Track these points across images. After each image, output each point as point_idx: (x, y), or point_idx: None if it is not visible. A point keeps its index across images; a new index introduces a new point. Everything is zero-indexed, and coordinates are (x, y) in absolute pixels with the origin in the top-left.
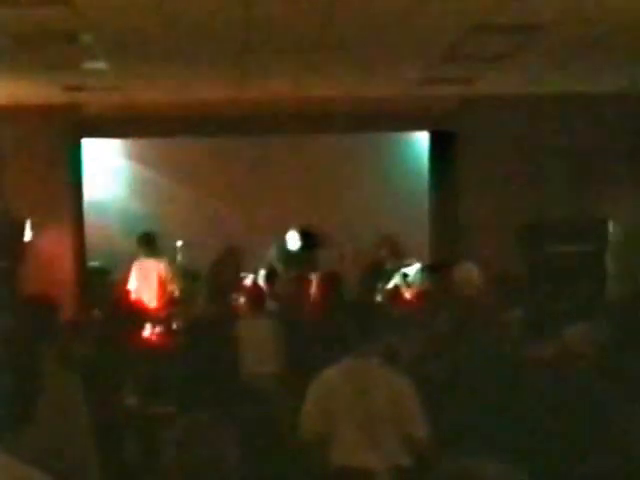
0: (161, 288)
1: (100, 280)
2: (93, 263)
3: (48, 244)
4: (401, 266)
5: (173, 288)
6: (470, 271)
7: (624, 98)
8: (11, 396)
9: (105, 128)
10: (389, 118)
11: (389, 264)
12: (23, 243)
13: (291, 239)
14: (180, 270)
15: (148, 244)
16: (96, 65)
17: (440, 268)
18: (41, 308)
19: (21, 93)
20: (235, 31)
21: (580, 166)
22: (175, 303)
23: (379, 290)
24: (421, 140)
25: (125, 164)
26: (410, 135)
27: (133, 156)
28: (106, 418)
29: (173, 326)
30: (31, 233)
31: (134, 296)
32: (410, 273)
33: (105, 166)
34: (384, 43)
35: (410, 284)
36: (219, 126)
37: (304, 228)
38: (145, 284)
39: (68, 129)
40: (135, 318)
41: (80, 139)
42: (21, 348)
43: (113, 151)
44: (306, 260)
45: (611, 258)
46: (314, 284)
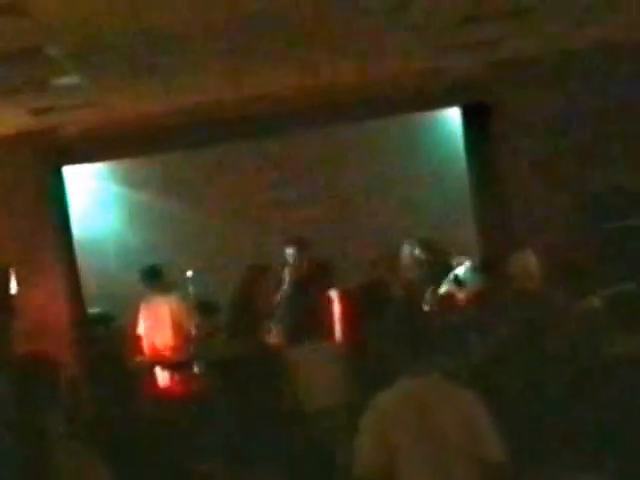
0: (175, 328)
1: (104, 328)
2: (94, 310)
3: (39, 295)
4: (449, 267)
5: (189, 325)
6: (528, 261)
7: None
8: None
9: (86, 152)
10: (412, 97)
11: (433, 267)
12: (10, 296)
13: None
14: (194, 304)
15: (154, 279)
16: (66, 81)
17: (493, 263)
18: (40, 368)
19: None
20: (219, 32)
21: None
22: (193, 342)
23: (428, 297)
24: (453, 118)
25: (116, 191)
26: (438, 114)
27: (124, 180)
28: None
29: (194, 369)
30: (16, 285)
31: (145, 341)
32: (461, 273)
33: (93, 196)
34: (395, 13)
35: (463, 286)
36: (215, 132)
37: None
38: (156, 325)
39: (44, 158)
40: (149, 367)
41: (60, 168)
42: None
43: (100, 177)
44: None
45: None
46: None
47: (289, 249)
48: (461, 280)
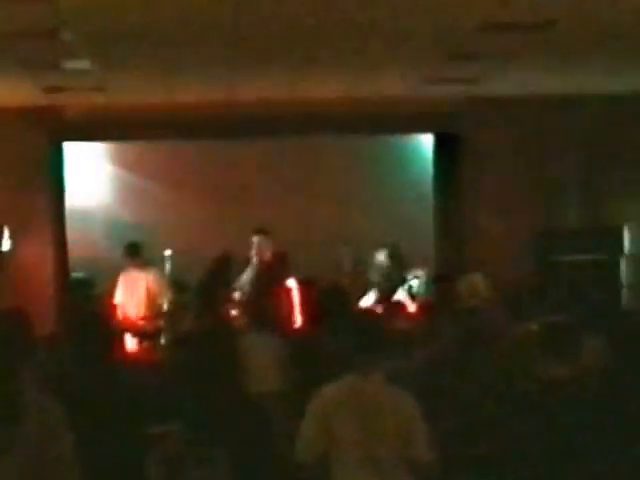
0: (149, 301)
1: (83, 292)
2: (76, 274)
3: (28, 253)
4: (405, 277)
5: (161, 300)
6: (477, 282)
7: (638, 99)
8: None
9: (88, 131)
10: (391, 120)
11: (392, 275)
12: (0, 252)
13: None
14: (169, 281)
15: (135, 254)
16: (78, 64)
17: (445, 279)
18: (15, 324)
19: None
20: (225, 27)
21: (593, 170)
22: (163, 316)
23: (383, 302)
24: (425, 143)
25: (110, 169)
26: (414, 138)
27: (118, 161)
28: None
29: (161, 340)
30: (9, 242)
31: (120, 309)
32: (415, 285)
33: (88, 171)
34: (387, 42)
35: (415, 296)
36: (209, 129)
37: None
38: (132, 296)
39: (48, 132)
40: (118, 332)
41: (61, 143)
42: None
43: (96, 155)
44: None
45: (627, 267)
46: (294, 290)
47: (255, 237)
48: (414, 291)
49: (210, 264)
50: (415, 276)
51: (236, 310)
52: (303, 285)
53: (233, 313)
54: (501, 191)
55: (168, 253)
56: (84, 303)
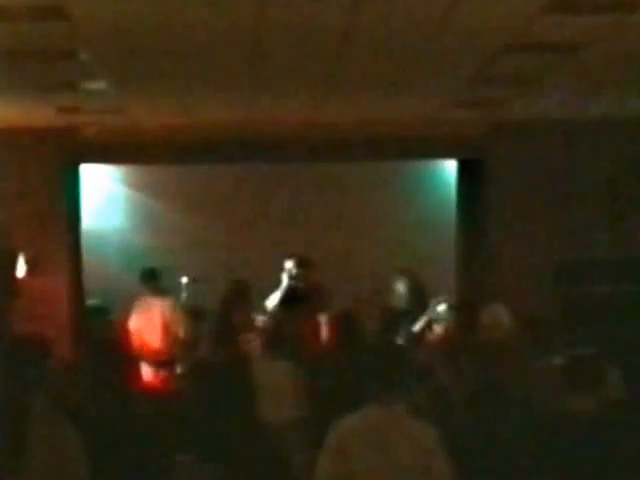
0: (165, 329)
1: (99, 320)
2: (91, 301)
3: (43, 280)
4: (426, 306)
5: (177, 329)
6: (499, 313)
7: None
8: None
9: (104, 153)
10: (414, 145)
11: (410, 304)
12: (16, 278)
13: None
14: (185, 309)
15: (151, 281)
16: (95, 85)
17: (466, 308)
18: (33, 351)
19: (13, 115)
20: (246, 49)
21: (621, 198)
22: (179, 344)
23: (403, 332)
24: (449, 169)
25: (127, 193)
26: (437, 164)
27: (135, 184)
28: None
29: (177, 370)
30: (25, 268)
31: (135, 337)
32: (435, 315)
33: (105, 195)
34: (410, 64)
35: (435, 326)
36: (229, 152)
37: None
38: (148, 324)
39: (64, 154)
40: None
41: (77, 165)
42: (10, 396)
43: (113, 179)
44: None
45: None
46: (323, 326)
47: (289, 262)
48: (435, 321)
49: (225, 292)
50: (436, 305)
51: (256, 337)
52: (333, 321)
53: (252, 340)
54: (526, 219)
55: (185, 280)
56: (99, 330)
